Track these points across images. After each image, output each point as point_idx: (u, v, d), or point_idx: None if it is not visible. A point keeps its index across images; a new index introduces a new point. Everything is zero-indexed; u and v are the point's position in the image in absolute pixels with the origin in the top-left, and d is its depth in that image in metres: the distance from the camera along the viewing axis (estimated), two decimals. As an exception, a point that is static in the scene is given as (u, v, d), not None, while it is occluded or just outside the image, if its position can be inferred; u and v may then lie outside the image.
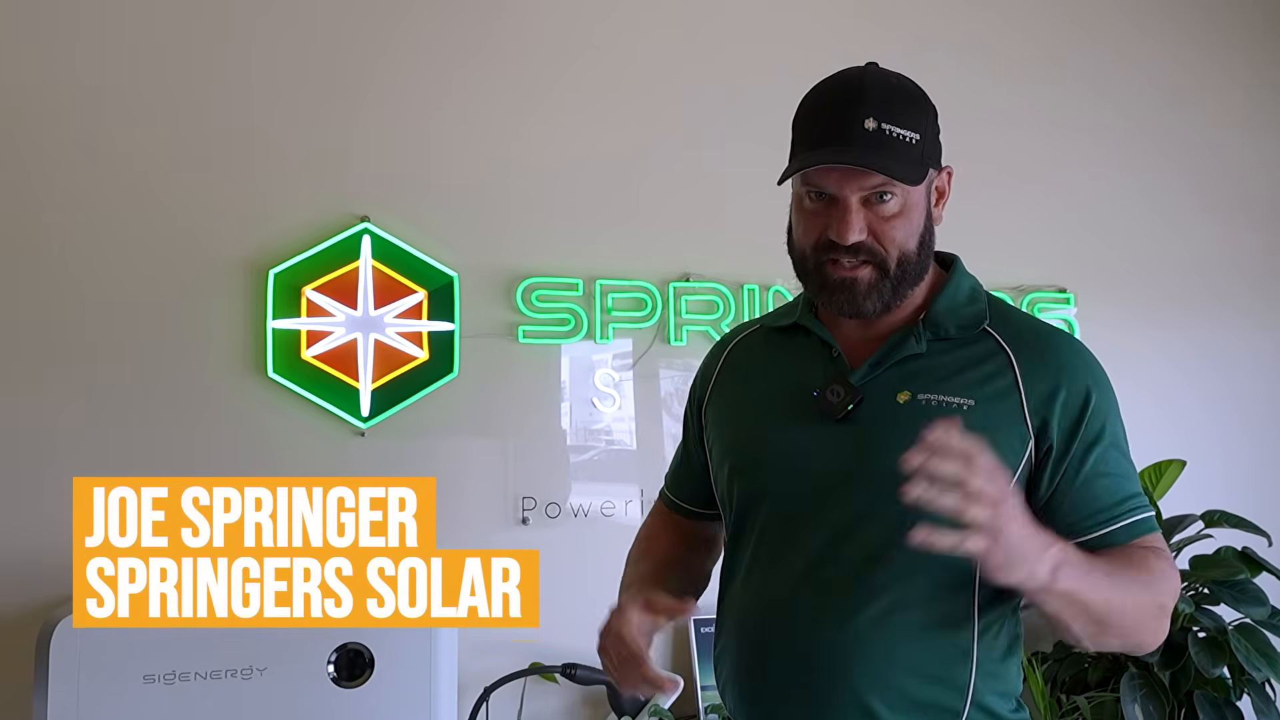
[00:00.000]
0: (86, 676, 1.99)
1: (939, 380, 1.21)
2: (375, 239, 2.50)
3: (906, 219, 1.20)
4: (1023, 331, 1.24)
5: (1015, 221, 3.06)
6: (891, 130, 1.17)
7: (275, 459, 2.45)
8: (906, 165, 1.17)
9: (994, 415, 1.18)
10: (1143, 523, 1.19)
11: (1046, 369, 1.20)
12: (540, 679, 2.51)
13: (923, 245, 1.22)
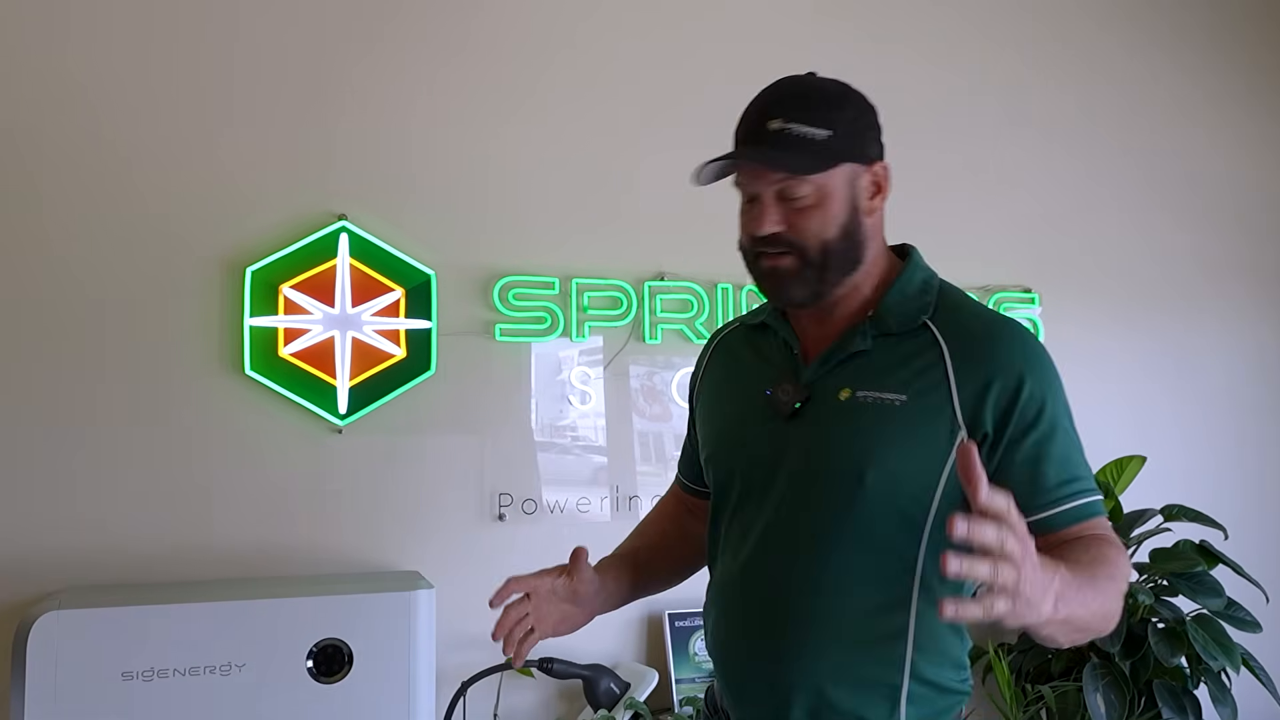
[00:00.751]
0: (64, 673, 2.00)
1: (878, 376, 1.28)
2: (353, 237, 2.51)
3: (822, 210, 1.26)
4: (962, 324, 1.29)
5: (981, 223, 3.13)
6: (796, 129, 1.25)
7: (253, 456, 2.46)
8: (804, 159, 1.24)
9: (925, 410, 1.24)
10: (1088, 506, 1.23)
11: (978, 362, 1.25)
12: (517, 673, 2.54)
13: (846, 235, 1.28)
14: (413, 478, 2.57)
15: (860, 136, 1.30)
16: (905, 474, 1.24)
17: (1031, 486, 1.22)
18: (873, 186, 1.32)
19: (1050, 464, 1.22)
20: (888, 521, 1.24)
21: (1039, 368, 1.26)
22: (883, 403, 1.25)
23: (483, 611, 2.49)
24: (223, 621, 2.11)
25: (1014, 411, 1.23)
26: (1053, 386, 1.26)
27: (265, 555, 2.45)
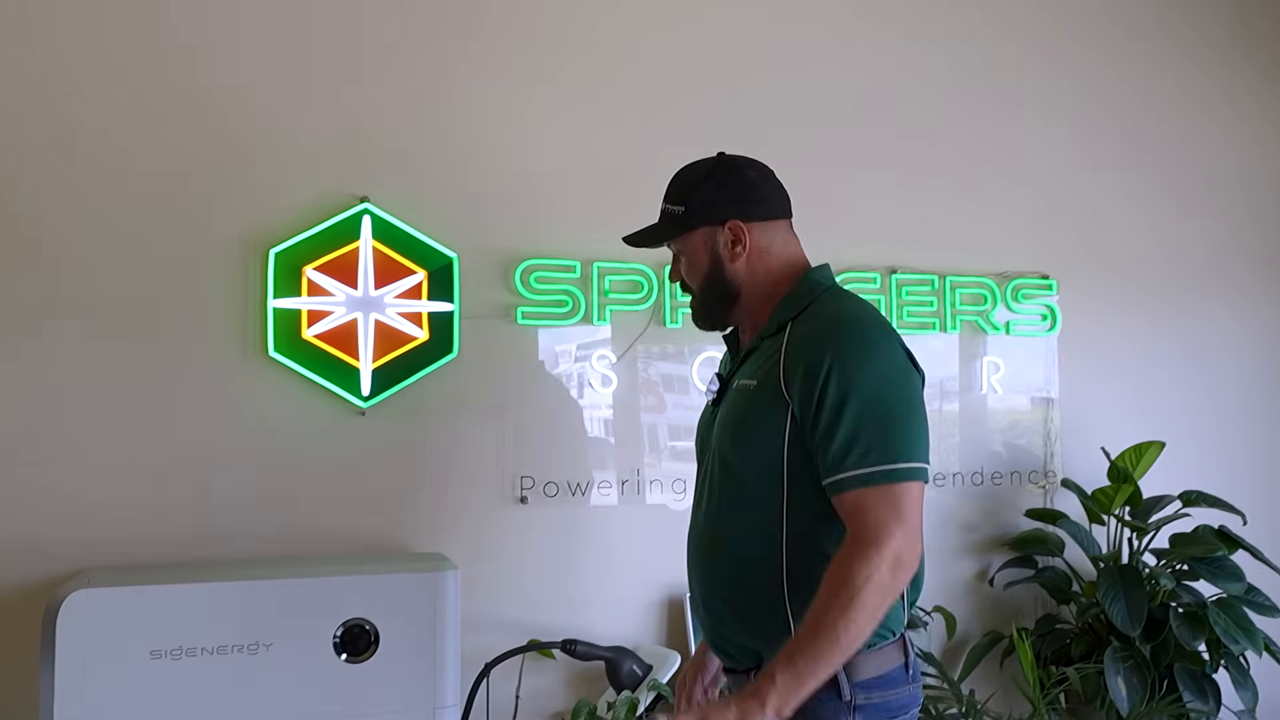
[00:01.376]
0: (93, 652, 2.02)
1: (751, 367, 1.61)
2: (375, 219, 2.52)
3: (690, 264, 1.69)
4: (804, 323, 1.56)
5: (1000, 211, 3.15)
6: (666, 207, 1.70)
7: (277, 438, 2.48)
8: (666, 228, 1.69)
9: (766, 389, 1.54)
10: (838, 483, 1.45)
11: (798, 349, 1.53)
12: (539, 656, 2.57)
13: (710, 280, 1.66)
14: (435, 460, 2.58)
15: (711, 206, 1.65)
16: (757, 440, 1.54)
17: (823, 460, 1.47)
18: (730, 239, 1.65)
19: (830, 441, 1.45)
20: (755, 480, 1.55)
21: (844, 356, 1.47)
22: (746, 387, 1.59)
23: (504, 593, 2.59)
24: (250, 600, 2.13)
25: (815, 393, 1.47)
26: (859, 373, 1.47)
27: (289, 537, 2.47)
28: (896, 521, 1.41)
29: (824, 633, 1.39)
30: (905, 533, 1.42)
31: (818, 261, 1.71)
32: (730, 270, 1.65)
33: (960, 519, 3.06)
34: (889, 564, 1.40)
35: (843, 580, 1.40)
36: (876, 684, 1.52)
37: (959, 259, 3.08)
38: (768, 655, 1.52)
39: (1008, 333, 3.11)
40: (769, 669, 1.41)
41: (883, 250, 3.00)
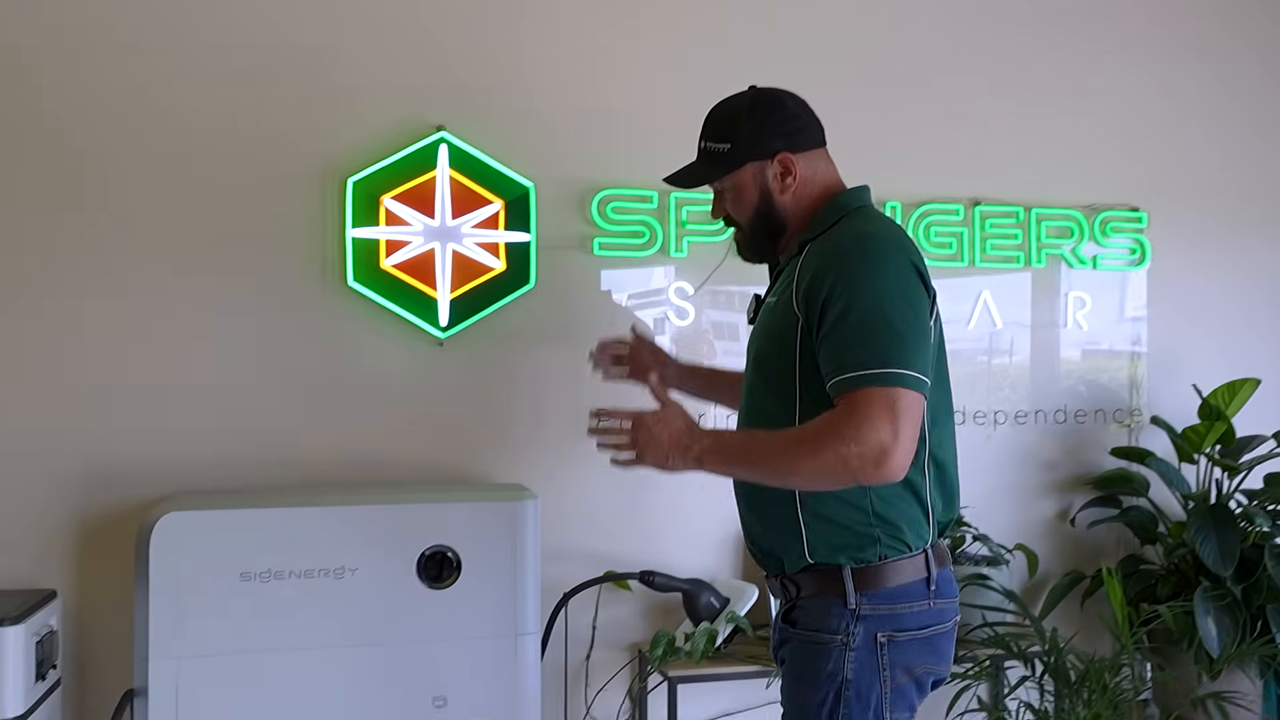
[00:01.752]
0: (185, 573, 2.08)
1: (777, 285, 1.69)
2: (452, 148, 2.52)
3: (739, 199, 1.70)
4: (824, 241, 1.61)
5: (1088, 142, 3.04)
6: (709, 145, 1.71)
7: (356, 368, 2.50)
8: (712, 169, 1.70)
9: (782, 305, 1.61)
10: (839, 383, 1.49)
11: (811, 264, 1.58)
12: (616, 586, 2.60)
13: (760, 214, 1.69)
14: (512, 391, 2.60)
15: (757, 141, 1.67)
16: (774, 355, 1.62)
17: (824, 362, 1.52)
18: (780, 171, 1.67)
19: (833, 346, 1.51)
20: (773, 392, 1.62)
21: (849, 268, 1.53)
22: (771, 305, 1.67)
23: (581, 525, 2.61)
24: (336, 525, 2.17)
25: (818, 302, 1.53)
26: (858, 284, 1.51)
27: (370, 465, 2.50)
28: (889, 421, 1.44)
29: (775, 446, 1.53)
30: (895, 435, 1.44)
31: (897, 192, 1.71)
32: (779, 202, 1.68)
33: (1041, 457, 3.00)
34: (864, 449, 1.43)
35: (819, 429, 1.48)
36: (885, 595, 1.56)
37: (1045, 191, 2.99)
38: (788, 561, 1.61)
39: (1094, 267, 3.03)
40: (725, 430, 1.75)
41: (966, 182, 2.92)
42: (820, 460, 1.45)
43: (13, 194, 2.33)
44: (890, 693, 1.57)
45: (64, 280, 2.35)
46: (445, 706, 2.21)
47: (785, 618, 1.65)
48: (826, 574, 1.58)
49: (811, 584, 1.60)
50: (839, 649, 1.56)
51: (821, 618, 1.57)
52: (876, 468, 1.44)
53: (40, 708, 2.10)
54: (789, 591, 1.64)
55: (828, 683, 1.56)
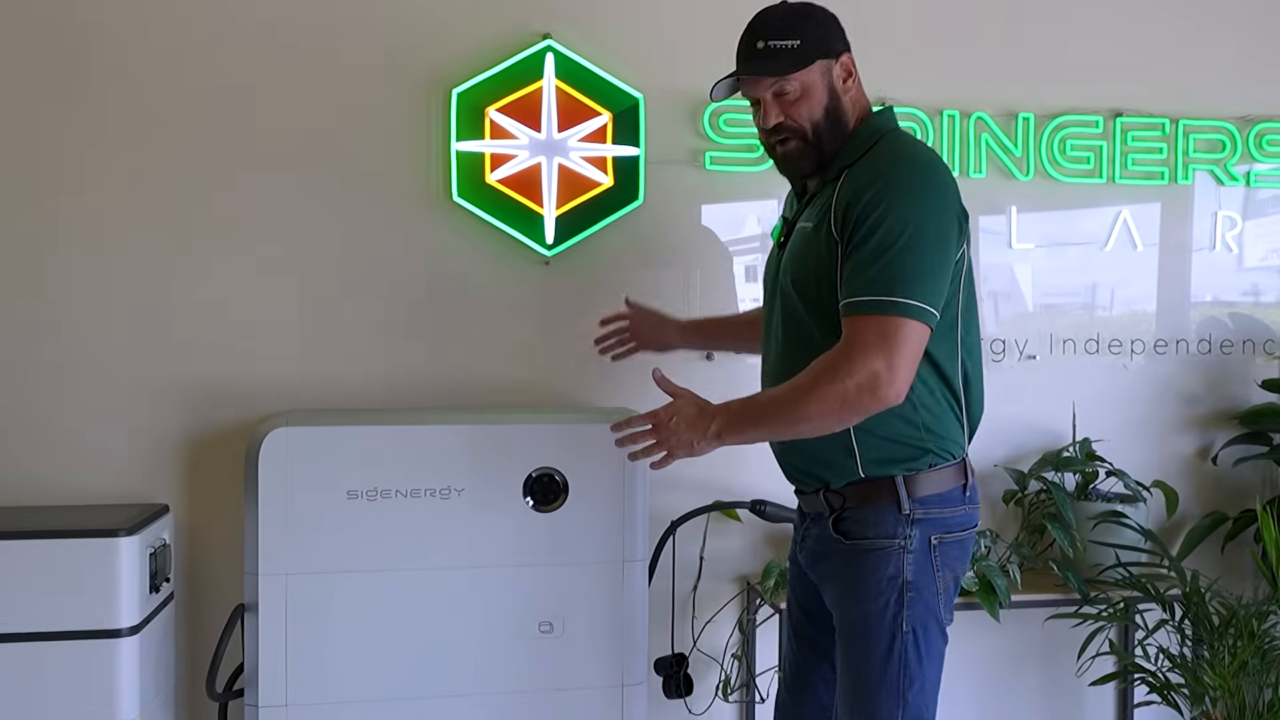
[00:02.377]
0: (293, 489, 2.09)
1: (813, 210, 1.72)
2: (558, 57, 2.45)
3: (807, 100, 1.70)
4: (862, 166, 1.66)
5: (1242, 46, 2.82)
6: (775, 44, 1.69)
7: (461, 286, 2.48)
8: (783, 63, 1.68)
9: (820, 231, 1.67)
10: (851, 306, 1.58)
11: (849, 186, 1.64)
12: (724, 516, 2.55)
13: (829, 114, 1.71)
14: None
15: (824, 40, 1.71)
16: (813, 278, 1.67)
17: (841, 282, 1.61)
18: (843, 73, 1.72)
19: (855, 266, 1.58)
20: (815, 317, 1.68)
21: (888, 185, 1.59)
22: (805, 229, 1.71)
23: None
24: (442, 445, 2.15)
25: (852, 218, 1.60)
26: (894, 204, 1.58)
27: (475, 386, 2.48)
28: (881, 349, 1.54)
29: (779, 402, 1.63)
30: (888, 363, 1.54)
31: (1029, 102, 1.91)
32: (845, 104, 1.72)
33: (1181, 390, 2.83)
34: (858, 380, 1.54)
35: (813, 373, 1.59)
36: (934, 500, 1.68)
37: (1194, 101, 2.78)
38: (834, 477, 1.72)
39: (1248, 184, 2.82)
40: (730, 402, 1.68)
41: (1106, 90, 2.74)
42: (823, 403, 1.56)
43: (103, 111, 2.34)
44: (943, 592, 1.70)
45: (165, 197, 2.36)
46: (551, 632, 2.19)
47: (835, 529, 1.72)
48: (877, 484, 1.68)
49: (860, 495, 1.70)
50: (898, 552, 1.67)
51: (877, 525, 1.68)
52: (872, 395, 1.55)
53: (154, 619, 2.15)
54: (832, 504, 1.73)
55: (889, 586, 1.67)
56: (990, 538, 2.55)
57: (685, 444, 1.68)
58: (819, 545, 1.78)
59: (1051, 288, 2.77)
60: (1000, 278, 2.75)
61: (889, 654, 1.67)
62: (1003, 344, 2.74)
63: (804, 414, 1.59)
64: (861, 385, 1.55)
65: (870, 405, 1.57)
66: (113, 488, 2.34)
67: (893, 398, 1.56)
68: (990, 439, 2.62)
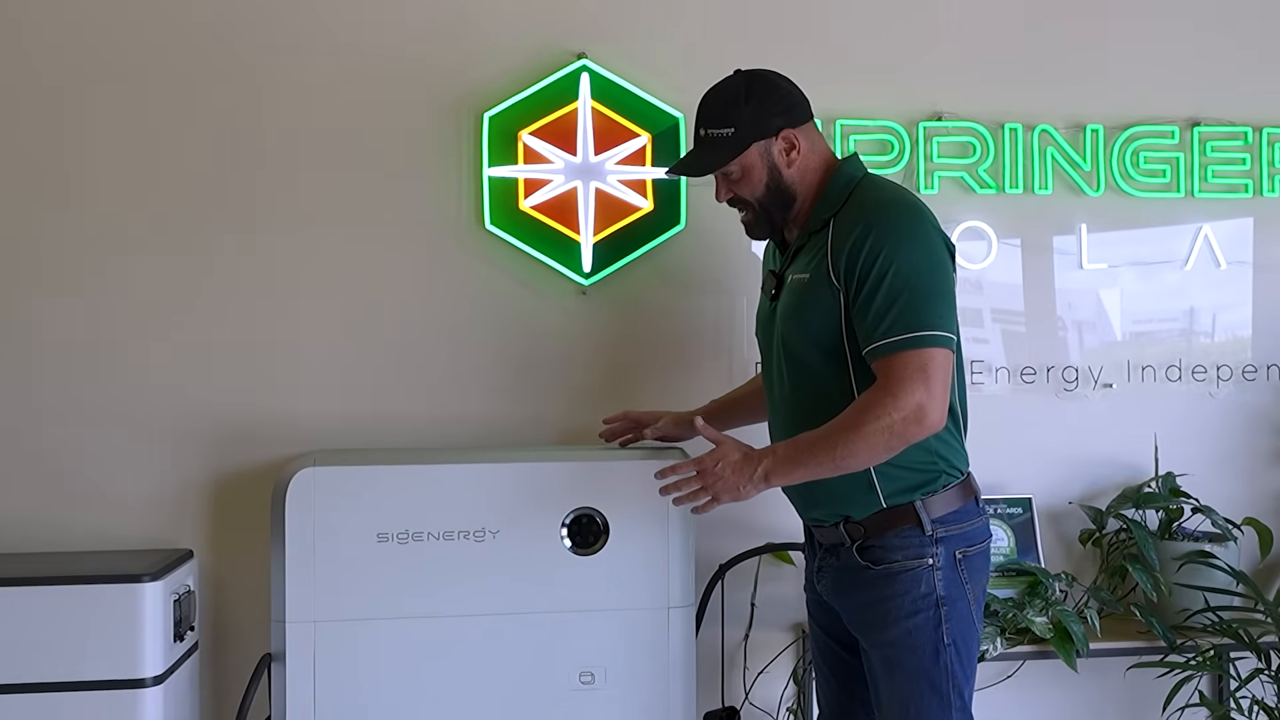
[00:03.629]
0: (321, 531, 2.07)
1: (802, 261, 1.84)
2: (594, 77, 2.43)
3: (748, 179, 1.87)
4: (847, 212, 1.79)
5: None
6: (712, 132, 1.87)
7: (495, 317, 2.46)
8: (716, 155, 1.86)
9: (817, 280, 1.79)
10: (879, 349, 1.71)
11: (843, 234, 1.76)
12: (775, 559, 2.49)
13: (770, 190, 1.86)
14: (662, 343, 2.51)
15: (759, 122, 1.84)
16: (815, 325, 1.80)
17: (861, 329, 1.73)
18: (785, 146, 1.85)
19: (875, 313, 1.71)
20: (821, 362, 1.80)
21: (885, 232, 1.73)
22: (800, 281, 1.82)
23: None
24: (476, 485, 2.12)
25: (856, 266, 1.73)
26: (897, 248, 1.72)
27: (507, 423, 2.45)
28: (921, 380, 1.67)
29: (827, 441, 1.71)
30: (929, 391, 1.67)
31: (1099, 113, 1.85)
32: (788, 176, 1.85)
33: (1274, 419, 2.71)
34: (905, 413, 1.66)
35: (858, 410, 1.70)
36: (952, 518, 1.80)
37: (1278, 108, 2.69)
38: (855, 510, 1.81)
39: (1343, 195, 2.70)
40: (775, 445, 1.80)
41: (1181, 98, 2.65)
42: (871, 439, 1.68)
43: (131, 140, 2.36)
44: (974, 603, 1.81)
45: (185, 232, 2.37)
46: (592, 684, 2.14)
47: (860, 556, 1.82)
48: (899, 511, 1.79)
49: (882, 523, 1.80)
50: (928, 571, 1.78)
51: (903, 548, 1.79)
52: (918, 425, 1.68)
53: (179, 669, 2.12)
54: (852, 535, 1.83)
55: (925, 602, 1.77)
56: (1066, 581, 2.46)
57: (731, 488, 1.77)
58: (842, 574, 1.87)
59: (1127, 310, 2.68)
60: (1071, 301, 2.66)
61: (935, 667, 1.77)
62: (1075, 372, 2.64)
63: (852, 450, 1.70)
64: (908, 418, 1.68)
65: (916, 435, 1.69)
66: (134, 532, 2.33)
67: (937, 423, 1.70)
68: (1065, 474, 2.62)
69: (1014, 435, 2.56)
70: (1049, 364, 2.63)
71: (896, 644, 1.79)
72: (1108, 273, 2.66)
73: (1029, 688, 2.54)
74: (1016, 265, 2.63)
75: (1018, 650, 2.37)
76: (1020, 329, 2.63)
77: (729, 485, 1.77)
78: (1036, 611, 2.33)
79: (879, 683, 1.83)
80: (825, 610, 1.95)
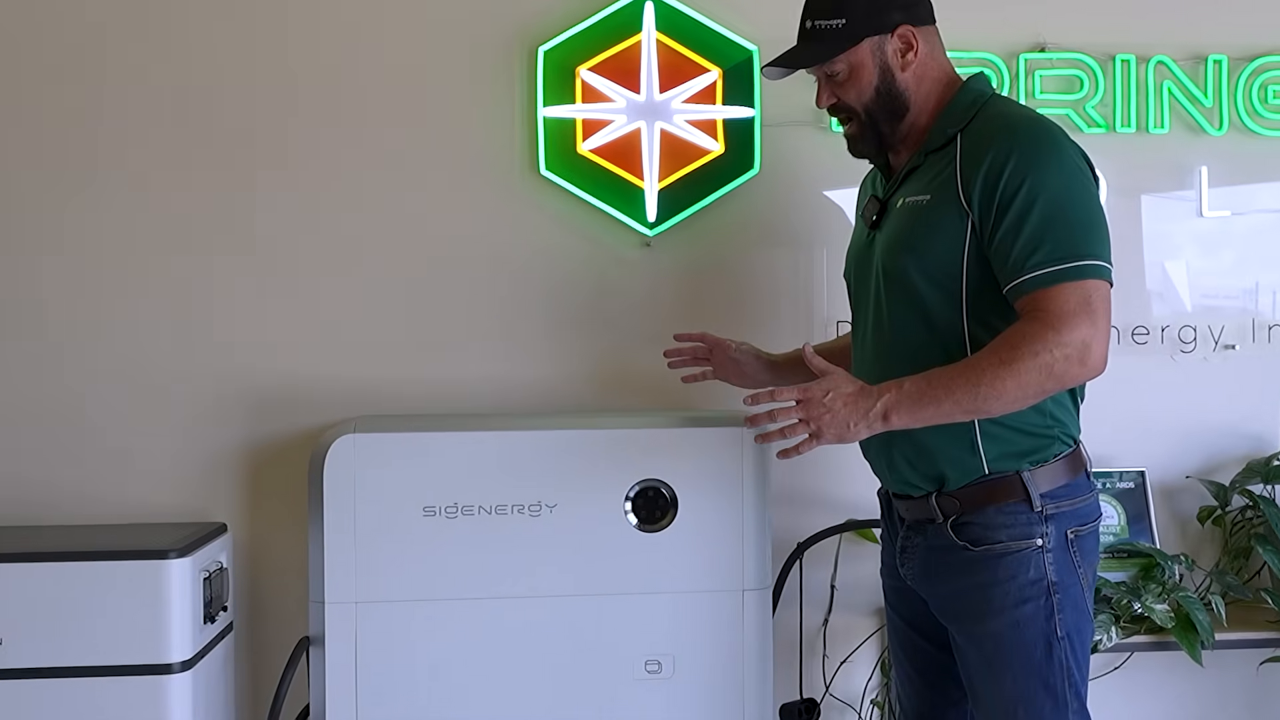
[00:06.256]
0: (363, 505, 1.98)
1: (918, 183, 1.69)
2: (660, 6, 2.32)
3: (855, 81, 1.71)
4: (979, 127, 1.64)
5: None
6: (820, 24, 1.72)
7: (552, 271, 2.36)
8: (825, 48, 1.71)
9: (941, 203, 1.63)
10: (1027, 283, 1.54)
11: (977, 147, 1.61)
12: (858, 537, 2.37)
13: (879, 94, 1.71)
14: (734, 300, 2.40)
15: (876, 14, 1.69)
16: (933, 254, 1.63)
17: (1002, 260, 1.56)
18: (901, 46, 1.70)
19: (1016, 242, 1.55)
20: (933, 296, 1.64)
21: (1031, 152, 1.57)
22: (917, 203, 1.66)
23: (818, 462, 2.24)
24: (531, 453, 2.02)
25: (995, 190, 1.57)
26: (1046, 171, 1.56)
27: (566, 386, 2.36)
28: (1086, 316, 1.51)
29: (968, 376, 1.53)
30: (1094, 326, 1.51)
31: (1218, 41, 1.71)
32: (901, 81, 1.70)
33: None
34: (1067, 350, 1.50)
35: (1009, 344, 1.52)
36: (1064, 493, 1.64)
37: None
38: (953, 477, 1.64)
39: None
40: (901, 379, 1.56)
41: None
42: (1024, 376, 1.50)
43: (151, 96, 2.28)
44: (1086, 589, 1.66)
45: (211, 176, 2.29)
46: (659, 672, 2.02)
47: (957, 535, 1.66)
48: (1002, 482, 1.64)
49: (982, 495, 1.64)
50: (1037, 553, 1.62)
51: (1009, 526, 1.63)
52: (1081, 365, 1.52)
53: (210, 653, 2.02)
54: (945, 509, 1.67)
55: (1034, 590, 1.62)
56: (1185, 564, 2.31)
57: (840, 424, 1.57)
58: (932, 556, 1.72)
59: (1251, 263, 2.50)
60: (1188, 251, 2.49)
61: (1048, 663, 1.62)
62: (1193, 331, 2.48)
63: (1000, 389, 1.52)
64: (1070, 356, 1.51)
65: (1077, 376, 1.54)
66: (164, 504, 2.25)
67: (1100, 365, 1.54)
68: (1180, 446, 2.48)
69: (1124, 402, 2.37)
70: (1163, 323, 2.47)
71: (1001, 637, 1.64)
72: (1230, 221, 2.50)
73: (1138, 682, 2.38)
74: (1129, 212, 2.46)
75: (1130, 641, 2.22)
76: (1133, 284, 2.45)
77: (837, 420, 1.56)
78: (1155, 598, 2.16)
79: (979, 682, 1.68)
80: (908, 598, 1.80)
